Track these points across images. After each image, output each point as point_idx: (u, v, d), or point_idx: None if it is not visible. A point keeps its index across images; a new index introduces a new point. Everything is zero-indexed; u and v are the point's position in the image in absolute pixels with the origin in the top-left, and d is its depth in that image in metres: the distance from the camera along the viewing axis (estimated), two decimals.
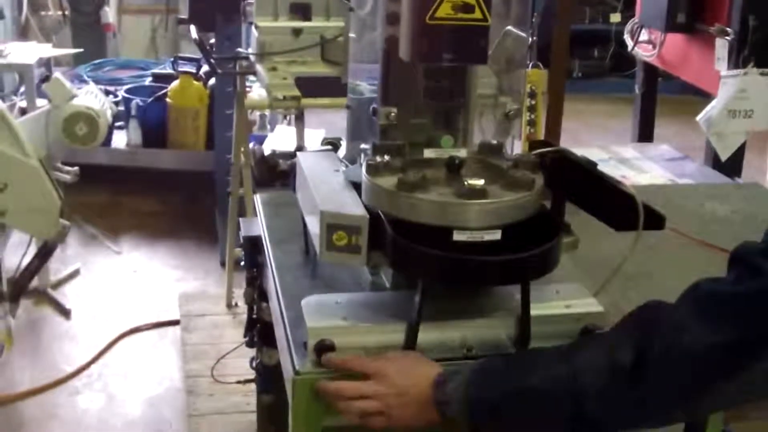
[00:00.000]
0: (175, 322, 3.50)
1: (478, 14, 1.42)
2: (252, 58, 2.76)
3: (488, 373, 1.31)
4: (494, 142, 1.55)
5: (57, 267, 3.87)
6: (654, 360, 1.17)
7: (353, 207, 1.43)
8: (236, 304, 3.51)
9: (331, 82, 2.79)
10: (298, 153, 1.69)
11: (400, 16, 1.45)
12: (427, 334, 1.41)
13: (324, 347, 1.37)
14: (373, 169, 1.44)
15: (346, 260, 1.41)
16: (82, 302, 3.69)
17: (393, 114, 1.51)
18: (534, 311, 1.43)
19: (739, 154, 3.78)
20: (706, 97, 3.87)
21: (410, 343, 1.39)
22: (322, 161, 1.65)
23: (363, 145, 1.64)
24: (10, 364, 3.19)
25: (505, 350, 1.43)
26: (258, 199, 2.02)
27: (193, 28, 2.96)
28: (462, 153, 1.51)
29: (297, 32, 2.64)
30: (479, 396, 1.29)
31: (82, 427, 2.97)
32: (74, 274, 3.91)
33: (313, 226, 1.48)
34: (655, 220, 1.51)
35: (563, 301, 1.50)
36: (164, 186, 4.75)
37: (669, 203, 2.24)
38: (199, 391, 2.94)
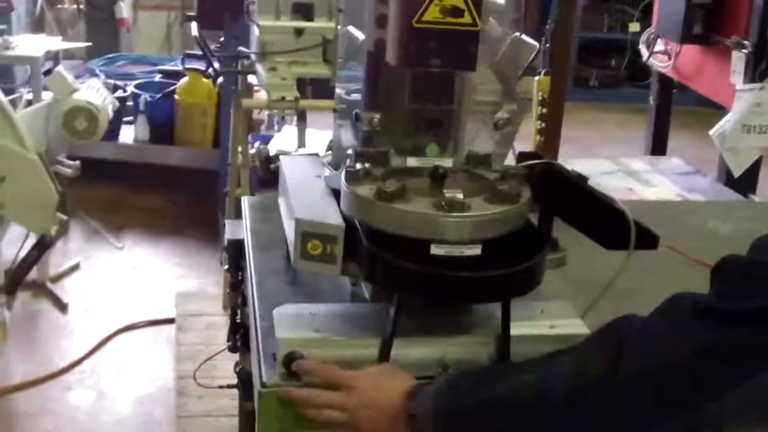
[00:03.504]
0: (171, 321, 3.46)
1: (467, 19, 1.36)
2: (253, 57, 2.72)
3: (457, 384, 1.25)
4: (482, 152, 1.49)
5: (58, 260, 3.85)
6: (623, 374, 1.11)
7: (330, 215, 1.37)
8: None
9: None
10: (281, 156, 1.64)
11: (387, 19, 1.40)
12: (402, 351, 1.35)
13: (294, 360, 1.32)
14: (353, 177, 1.38)
15: (320, 269, 1.36)
16: (80, 297, 3.66)
17: (376, 120, 1.45)
18: (515, 330, 1.38)
19: (753, 170, 3.70)
20: (723, 110, 3.80)
21: (383, 359, 1.34)
22: (305, 166, 1.61)
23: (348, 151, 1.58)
24: (4, 357, 3.17)
25: None
26: (245, 202, 1.97)
27: (193, 25, 2.92)
28: (447, 163, 1.45)
29: (299, 32, 2.60)
30: (445, 408, 1.23)
31: (72, 423, 2.94)
32: (74, 268, 3.88)
33: (290, 232, 1.43)
34: (648, 239, 1.45)
35: (547, 320, 1.43)
36: (170, 183, 4.72)
37: (671, 220, 2.17)
38: (188, 392, 2.90)
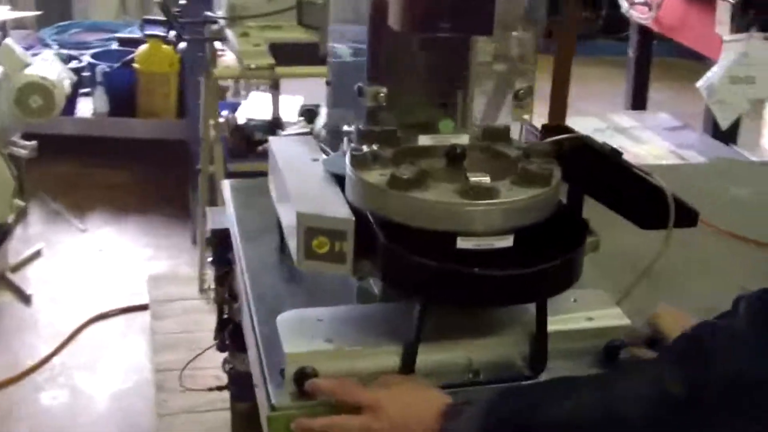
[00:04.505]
0: (144, 307, 3.27)
1: None
2: (222, 22, 2.52)
3: (507, 404, 1.08)
4: (500, 126, 1.33)
5: (17, 248, 3.62)
6: (713, 391, 0.95)
7: (336, 207, 1.20)
8: (209, 288, 3.27)
9: (309, 48, 2.55)
10: (270, 138, 1.46)
11: None
12: (425, 356, 1.19)
13: (305, 376, 1.16)
14: (360, 162, 1.21)
15: (328, 270, 1.19)
16: (44, 286, 3.44)
17: (382, 94, 1.28)
18: (550, 326, 1.22)
19: (734, 120, 3.58)
20: (701, 60, 3.66)
21: (407, 369, 1.18)
22: (299, 148, 1.43)
23: (346, 128, 1.40)
24: None
25: (518, 373, 1.23)
26: (227, 186, 1.79)
27: None
28: (464, 140, 1.28)
29: None
30: (495, 430, 1.07)
31: (46, 427, 2.74)
32: (36, 255, 3.65)
33: (290, 229, 1.25)
34: (687, 216, 1.31)
35: (583, 312, 1.28)
36: (134, 157, 4.48)
37: (681, 185, 2.02)
38: (169, 387, 2.71)
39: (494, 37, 1.28)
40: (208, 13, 2.62)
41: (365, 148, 1.23)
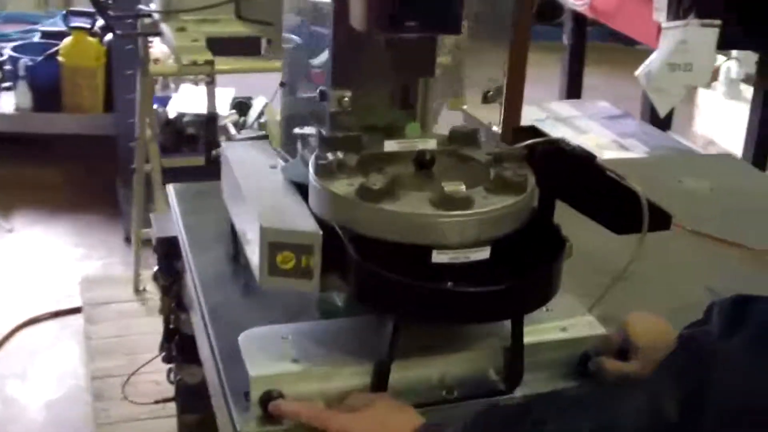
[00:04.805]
0: (77, 310, 3.14)
1: None
2: (156, 16, 2.41)
3: (488, 425, 1.03)
4: (467, 129, 1.27)
5: None
6: (710, 412, 0.90)
7: (301, 219, 1.13)
8: (144, 289, 3.17)
9: (248, 42, 2.47)
10: (223, 144, 1.38)
11: None
12: (397, 373, 1.13)
13: (272, 399, 1.09)
14: (325, 171, 1.14)
15: (293, 286, 1.12)
16: None
17: (347, 98, 1.21)
18: (524, 338, 1.17)
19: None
20: (632, 45, 3.65)
21: (379, 389, 1.12)
22: (255, 154, 1.35)
23: (298, 130, 1.33)
24: None
25: (493, 388, 1.17)
26: (171, 191, 1.70)
27: None
28: (431, 144, 1.22)
29: None
30: None
31: None
32: None
33: (247, 240, 1.18)
34: (661, 219, 1.27)
35: (557, 322, 1.23)
36: (60, 154, 4.32)
37: (642, 181, 2.00)
38: (108, 394, 2.60)
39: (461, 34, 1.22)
40: (142, 7, 2.51)
41: (330, 155, 1.16)
